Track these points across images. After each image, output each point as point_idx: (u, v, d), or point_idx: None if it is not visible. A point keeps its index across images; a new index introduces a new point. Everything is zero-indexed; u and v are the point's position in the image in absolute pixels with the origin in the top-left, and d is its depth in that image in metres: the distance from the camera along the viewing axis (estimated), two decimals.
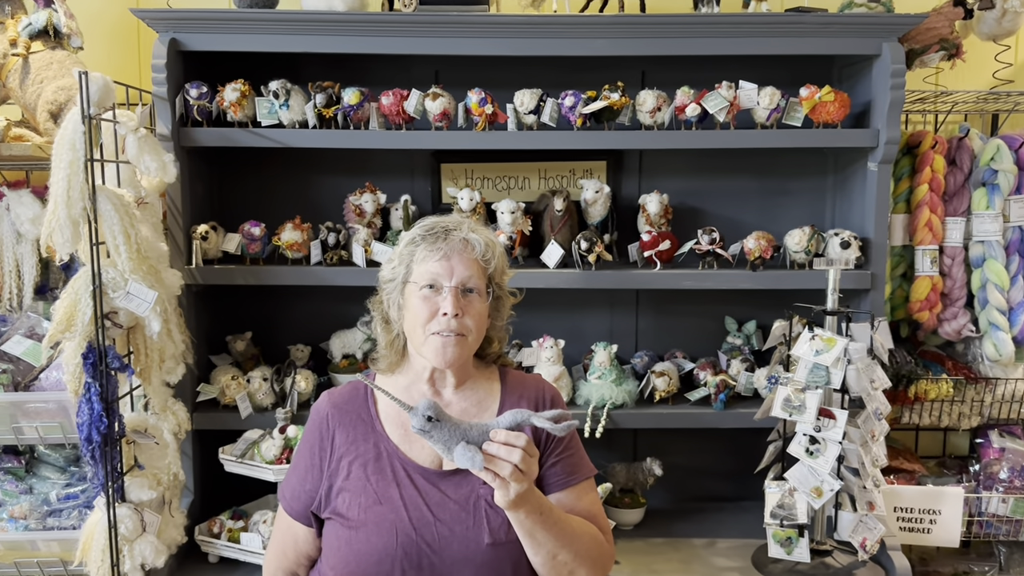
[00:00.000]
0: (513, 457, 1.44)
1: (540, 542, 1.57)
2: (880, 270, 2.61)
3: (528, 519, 1.54)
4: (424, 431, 1.45)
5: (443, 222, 1.78)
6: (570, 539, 1.61)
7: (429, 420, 1.44)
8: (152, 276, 2.20)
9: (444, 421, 1.45)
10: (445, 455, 1.46)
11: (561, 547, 1.59)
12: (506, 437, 1.45)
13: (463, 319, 1.71)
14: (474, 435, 1.45)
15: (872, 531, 2.43)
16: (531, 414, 1.47)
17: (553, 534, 1.57)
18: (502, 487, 1.46)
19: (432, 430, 1.45)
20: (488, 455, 1.44)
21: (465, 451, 1.43)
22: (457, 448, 1.44)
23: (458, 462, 1.44)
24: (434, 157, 2.85)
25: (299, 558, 1.82)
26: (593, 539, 1.68)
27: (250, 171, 2.84)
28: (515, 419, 1.47)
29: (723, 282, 2.60)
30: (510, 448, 1.45)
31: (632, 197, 2.87)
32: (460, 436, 1.45)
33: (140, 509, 2.28)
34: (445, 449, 1.45)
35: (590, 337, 2.86)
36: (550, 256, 2.62)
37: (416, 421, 1.45)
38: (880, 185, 2.58)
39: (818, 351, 2.35)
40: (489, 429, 1.47)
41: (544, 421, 1.45)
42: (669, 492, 2.98)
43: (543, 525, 1.56)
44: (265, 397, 2.63)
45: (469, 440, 1.45)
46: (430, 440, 1.46)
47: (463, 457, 1.43)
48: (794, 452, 2.41)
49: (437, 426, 1.45)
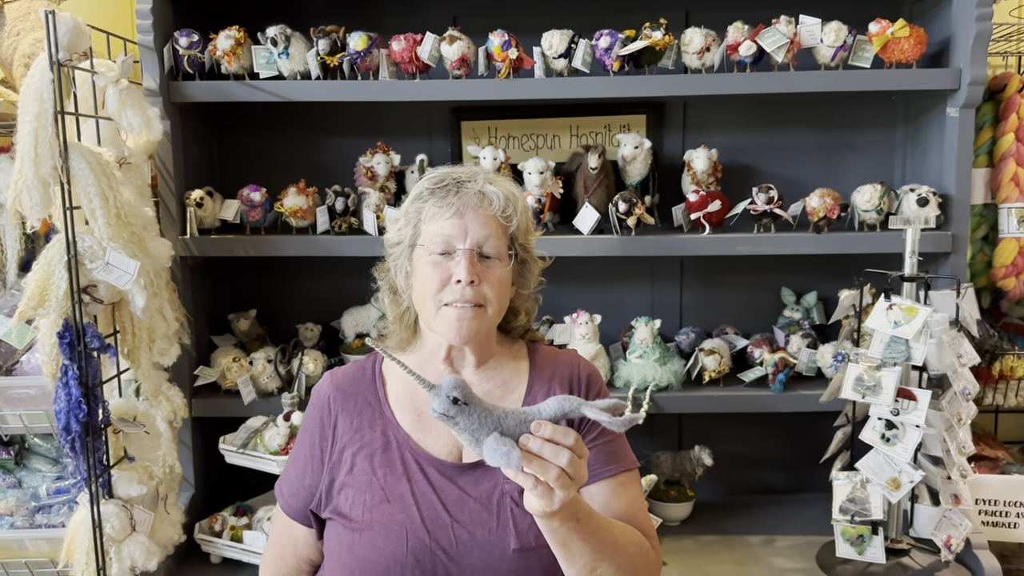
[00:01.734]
0: (560, 459, 1.14)
1: (576, 554, 1.28)
2: (962, 230, 2.29)
3: (563, 528, 1.24)
4: (448, 416, 1.15)
5: (455, 173, 1.52)
6: (612, 550, 1.31)
7: (455, 403, 1.14)
8: (135, 244, 1.96)
9: (473, 405, 1.15)
10: (472, 448, 1.16)
11: (601, 559, 1.30)
12: (552, 433, 1.15)
13: (480, 287, 1.45)
14: (510, 425, 1.15)
15: (958, 528, 2.13)
16: (581, 402, 1.16)
17: (592, 545, 1.28)
18: (544, 495, 1.16)
19: (458, 416, 1.15)
20: (527, 452, 1.14)
21: (498, 445, 1.13)
22: (488, 441, 1.14)
23: (488, 458, 1.14)
24: (453, 114, 2.57)
25: (300, 564, 1.59)
26: (638, 548, 1.39)
27: (250, 131, 2.59)
28: (561, 408, 1.17)
29: (783, 246, 2.29)
30: (556, 448, 1.14)
31: (675, 155, 2.58)
32: (492, 425, 1.15)
33: (129, 506, 2.05)
34: (472, 440, 1.15)
35: (629, 312, 2.58)
36: (584, 220, 2.33)
37: (438, 403, 1.15)
38: (962, 133, 2.25)
39: (896, 322, 2.04)
40: (529, 419, 1.16)
41: (598, 412, 1.14)
42: (719, 484, 2.70)
43: (580, 534, 1.26)
44: (270, 381, 2.38)
45: (504, 431, 1.15)
46: (454, 428, 1.16)
47: (495, 453, 1.13)
48: (867, 439, 2.11)
49: (464, 411, 1.15)
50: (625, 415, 1.14)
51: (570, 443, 1.15)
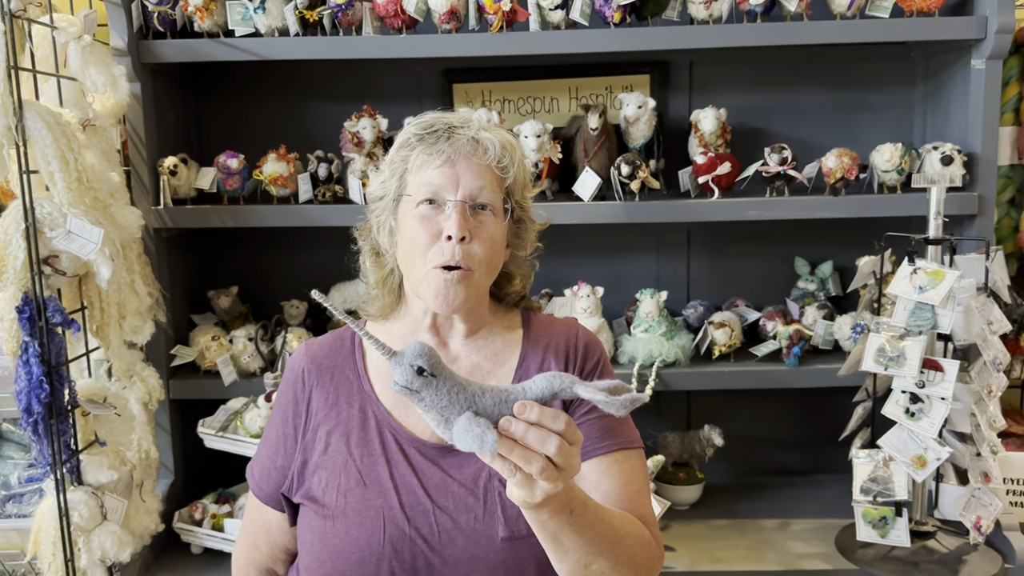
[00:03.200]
0: (547, 447, 0.96)
1: (568, 548, 1.11)
2: (989, 191, 2.14)
3: (553, 520, 1.07)
4: (411, 390, 0.97)
5: (446, 118, 1.36)
6: (610, 543, 1.15)
7: (420, 373, 0.96)
8: (99, 211, 1.82)
9: (443, 378, 0.97)
10: (440, 429, 0.98)
11: (597, 554, 1.13)
12: (539, 416, 0.96)
13: (471, 246, 1.29)
14: (487, 404, 0.97)
15: (987, 508, 1.98)
16: (575, 380, 0.97)
17: (587, 538, 1.11)
18: (524, 485, 0.99)
19: (423, 390, 0.96)
20: (506, 437, 0.96)
21: (471, 426, 0.95)
22: (460, 421, 0.96)
23: (458, 441, 0.96)
24: (444, 76, 2.42)
25: (275, 551, 1.45)
26: (638, 539, 1.23)
27: (227, 94, 2.45)
28: (551, 386, 0.97)
29: (797, 210, 2.13)
30: (543, 433, 0.96)
31: (680, 118, 2.42)
32: (465, 403, 0.97)
33: (100, 493, 1.92)
34: (441, 420, 0.97)
35: (634, 285, 2.42)
36: (584, 186, 2.19)
37: (400, 374, 0.97)
38: (988, 86, 2.10)
39: (921, 288, 1.89)
40: (513, 398, 0.98)
41: (596, 393, 0.95)
42: (730, 465, 2.55)
43: (574, 527, 1.09)
44: (252, 360, 2.24)
45: (479, 410, 0.97)
46: (420, 405, 0.97)
47: (467, 435, 0.95)
48: (890, 414, 1.96)
49: (431, 384, 0.96)
50: (625, 395, 0.95)
51: (560, 428, 0.97)
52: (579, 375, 1.40)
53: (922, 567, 1.96)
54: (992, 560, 1.99)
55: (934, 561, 1.99)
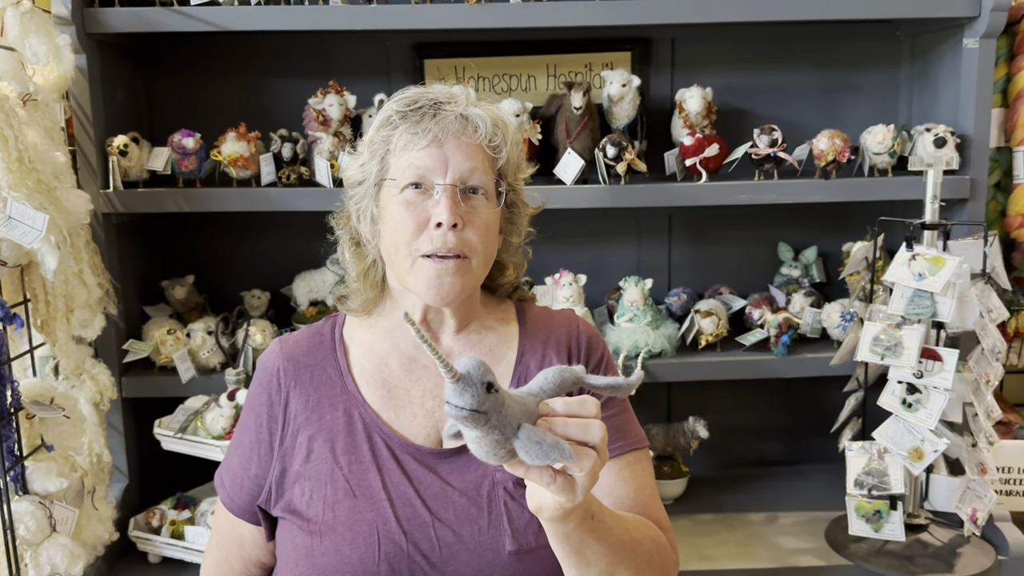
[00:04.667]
0: (592, 435, 0.86)
1: (591, 560, 1.01)
2: (980, 174, 2.08)
3: (578, 530, 0.97)
4: (479, 412, 0.80)
5: (430, 93, 1.25)
6: (631, 549, 1.06)
7: (489, 391, 0.81)
8: (43, 194, 1.65)
9: (503, 393, 0.83)
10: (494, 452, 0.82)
11: (619, 562, 1.04)
12: (566, 406, 0.87)
13: (464, 232, 1.19)
14: (517, 412, 0.84)
15: (982, 500, 1.94)
16: (582, 372, 0.89)
17: (609, 545, 1.02)
18: (565, 488, 0.87)
19: (492, 410, 0.81)
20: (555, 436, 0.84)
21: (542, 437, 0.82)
22: (522, 435, 0.82)
23: (528, 457, 0.82)
24: (415, 51, 2.28)
25: (248, 567, 1.33)
26: (655, 544, 1.15)
27: (182, 69, 2.28)
28: (562, 379, 0.88)
29: (788, 194, 2.05)
30: (584, 422, 0.86)
31: (662, 98, 2.33)
32: (519, 415, 0.84)
33: (48, 503, 1.76)
34: (502, 439, 0.82)
35: (614, 272, 2.33)
36: (566, 168, 2.08)
37: (471, 396, 0.80)
38: (982, 66, 2.04)
39: (920, 275, 1.82)
40: (533, 400, 0.87)
41: (602, 379, 0.89)
42: (712, 457, 2.48)
43: (596, 534, 1.00)
44: (211, 355, 2.09)
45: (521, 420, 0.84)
46: (483, 428, 0.81)
47: (538, 448, 0.82)
48: (886, 405, 1.90)
49: (499, 402, 0.81)
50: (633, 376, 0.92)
51: (592, 412, 0.88)
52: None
53: (917, 561, 1.91)
54: (986, 552, 1.95)
55: (928, 555, 1.94)
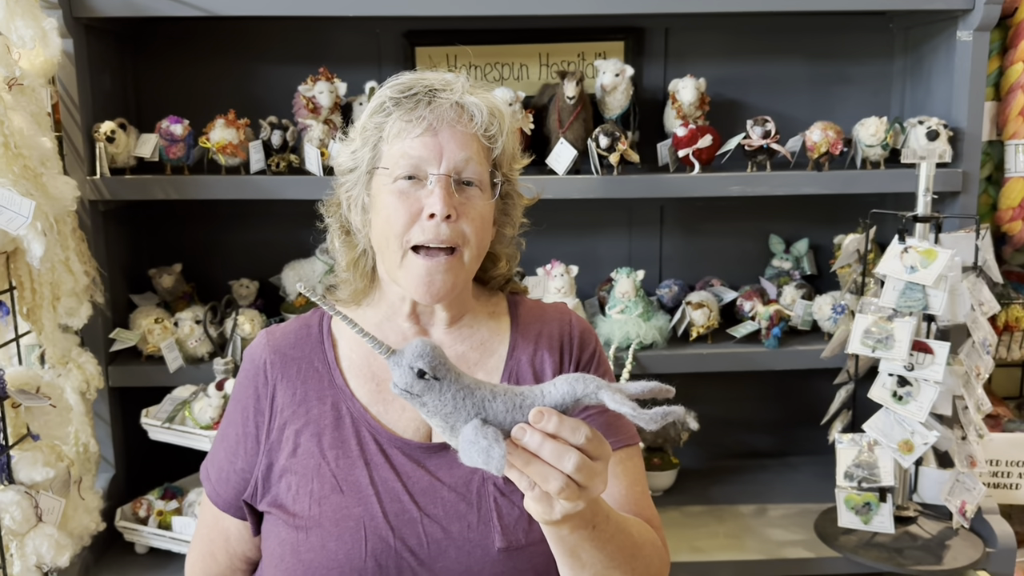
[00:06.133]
0: (565, 464, 0.85)
1: (585, 563, 1.01)
2: (973, 167, 2.08)
3: (573, 535, 0.97)
4: (411, 393, 0.86)
5: (425, 79, 1.23)
6: (629, 556, 1.05)
7: (421, 376, 0.85)
8: (29, 180, 1.63)
9: (447, 380, 0.86)
10: (446, 436, 0.87)
11: (615, 567, 1.04)
12: (557, 427, 0.85)
13: (458, 224, 1.17)
14: (498, 410, 0.86)
15: (971, 492, 1.95)
16: (601, 384, 0.85)
17: (607, 552, 1.01)
18: (542, 501, 0.88)
19: (425, 394, 0.85)
20: (519, 449, 0.85)
21: (477, 437, 0.83)
22: (465, 430, 0.85)
23: (463, 454, 0.85)
24: (406, 39, 2.26)
25: (233, 561, 1.32)
26: (654, 549, 1.15)
27: (171, 54, 2.25)
28: (572, 391, 0.86)
29: (781, 186, 2.05)
30: (561, 447, 0.85)
31: (655, 89, 2.32)
32: (473, 409, 0.85)
33: (34, 493, 1.74)
34: (446, 427, 0.86)
35: (605, 263, 2.32)
36: (559, 159, 2.06)
37: (399, 376, 0.86)
38: (975, 58, 2.03)
39: (913, 267, 1.82)
40: (529, 403, 0.86)
41: (624, 402, 0.83)
42: (701, 449, 2.48)
43: (594, 542, 0.99)
44: (199, 344, 2.07)
45: (489, 417, 0.86)
46: (422, 409, 0.87)
47: (472, 447, 0.84)
48: (877, 397, 1.90)
49: (434, 388, 0.85)
50: (659, 408, 0.84)
51: (580, 442, 0.85)
52: (575, 366, 1.29)
53: (906, 553, 1.92)
54: (974, 545, 1.96)
55: (917, 547, 1.94)
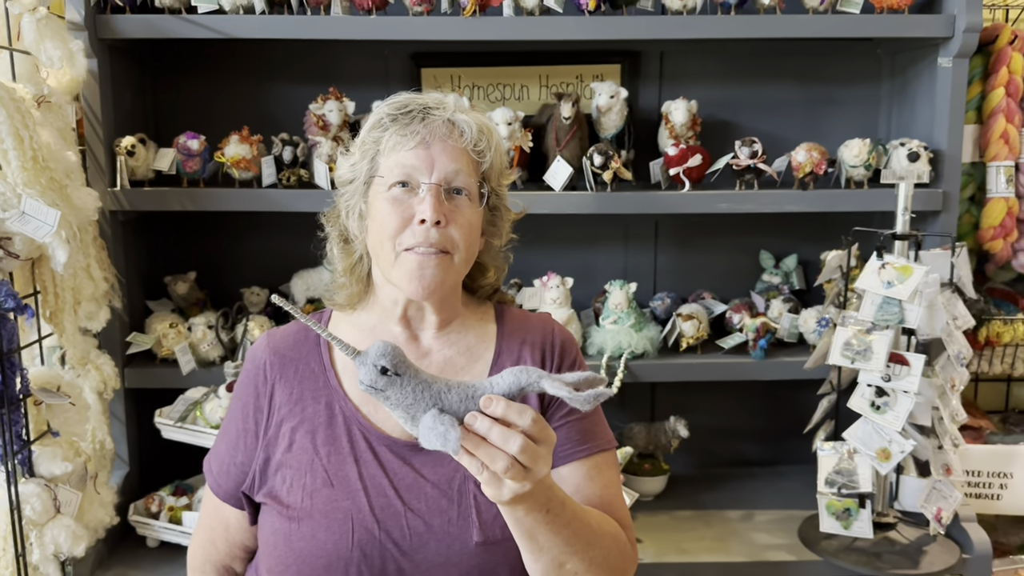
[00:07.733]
0: (510, 445, 0.96)
1: (543, 547, 1.10)
2: (953, 188, 2.17)
3: (528, 517, 1.06)
4: (375, 389, 0.98)
5: (420, 99, 1.32)
6: (585, 543, 1.14)
7: (384, 373, 0.97)
8: (55, 192, 1.74)
9: (407, 376, 0.98)
10: (408, 427, 0.99)
11: (572, 553, 1.13)
12: (504, 411, 0.97)
13: (447, 229, 1.25)
14: (453, 401, 0.98)
15: (948, 500, 2.02)
16: (542, 375, 0.98)
17: (563, 537, 1.10)
18: (492, 483, 0.99)
19: (388, 389, 0.97)
20: (472, 434, 0.97)
21: (435, 424, 0.96)
22: (424, 418, 0.97)
23: (423, 439, 0.97)
24: (413, 60, 2.37)
25: (232, 549, 1.40)
26: (615, 541, 1.23)
27: (189, 73, 2.37)
28: (517, 381, 0.98)
29: (767, 204, 2.14)
30: (507, 431, 0.96)
31: (651, 109, 2.41)
32: (431, 400, 0.98)
33: (53, 486, 1.84)
34: (408, 418, 0.98)
35: (602, 276, 2.42)
36: (556, 175, 2.16)
37: (365, 373, 0.98)
38: (955, 84, 2.13)
39: (889, 283, 1.91)
40: (479, 393, 0.98)
41: (561, 387, 0.96)
42: (693, 456, 2.57)
43: (550, 526, 1.08)
44: (211, 349, 2.17)
45: (445, 407, 0.97)
46: (386, 404, 0.99)
47: (431, 433, 0.96)
48: (856, 407, 1.98)
49: (396, 383, 0.97)
50: (591, 390, 0.96)
51: (525, 425, 0.96)
52: (555, 372, 1.38)
53: (884, 558, 1.99)
54: (951, 551, 2.03)
55: (895, 552, 2.02)
